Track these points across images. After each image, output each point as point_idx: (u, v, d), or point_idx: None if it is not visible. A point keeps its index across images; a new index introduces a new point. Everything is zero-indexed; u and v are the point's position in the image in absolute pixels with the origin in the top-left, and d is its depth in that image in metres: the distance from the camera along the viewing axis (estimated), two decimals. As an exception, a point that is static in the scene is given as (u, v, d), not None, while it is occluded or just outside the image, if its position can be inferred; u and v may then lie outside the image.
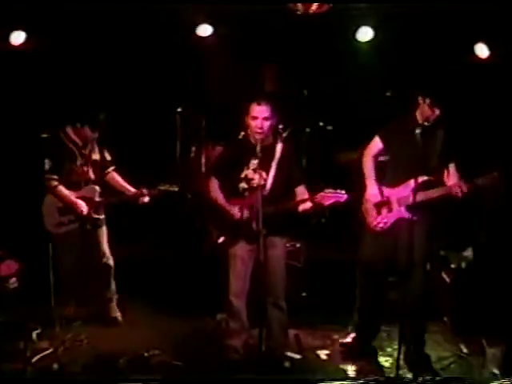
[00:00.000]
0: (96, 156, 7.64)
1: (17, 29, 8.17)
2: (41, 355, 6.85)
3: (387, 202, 6.99)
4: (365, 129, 7.38)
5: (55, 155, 7.52)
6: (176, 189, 7.52)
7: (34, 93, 8.74)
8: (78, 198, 7.50)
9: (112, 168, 7.72)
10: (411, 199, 6.67)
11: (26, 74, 8.57)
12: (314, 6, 7.93)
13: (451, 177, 6.86)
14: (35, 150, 7.90)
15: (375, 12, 8.15)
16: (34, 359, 6.76)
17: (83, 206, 7.48)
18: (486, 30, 7.77)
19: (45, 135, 7.63)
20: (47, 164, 7.52)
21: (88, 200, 7.51)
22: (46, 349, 6.95)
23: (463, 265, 7.77)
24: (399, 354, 6.50)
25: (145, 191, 7.51)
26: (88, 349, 7.02)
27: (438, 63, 8.41)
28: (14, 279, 7.49)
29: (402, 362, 6.59)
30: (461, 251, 7.88)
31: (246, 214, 6.75)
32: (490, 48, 8.08)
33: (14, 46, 8.19)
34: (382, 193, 7.01)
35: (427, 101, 6.82)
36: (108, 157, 7.73)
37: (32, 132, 8.45)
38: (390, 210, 6.98)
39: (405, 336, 6.64)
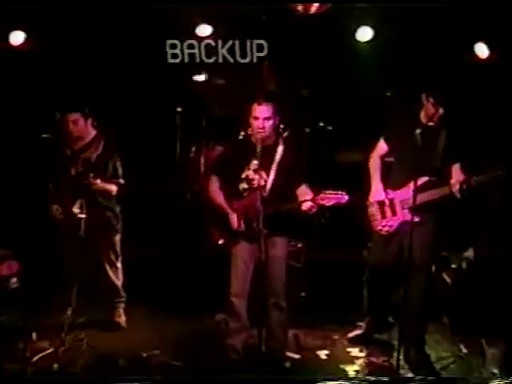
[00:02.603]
0: (90, 154, 7.37)
1: (17, 29, 8.17)
2: (41, 355, 6.86)
3: (391, 204, 7.00)
4: (365, 129, 7.39)
5: (47, 156, 7.43)
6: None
7: (34, 93, 8.75)
8: (58, 198, 7.38)
9: (116, 181, 7.40)
10: (412, 200, 6.62)
11: (25, 73, 8.57)
12: (314, 6, 7.93)
13: (454, 176, 6.85)
14: (35, 150, 7.90)
15: (375, 12, 8.14)
16: (34, 359, 6.78)
17: (57, 211, 7.35)
18: (485, 29, 7.77)
19: (46, 135, 7.61)
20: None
21: (64, 199, 7.31)
22: (46, 349, 6.96)
23: (464, 265, 7.77)
24: (399, 353, 6.52)
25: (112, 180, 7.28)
26: (88, 349, 7.02)
27: (438, 63, 8.41)
28: (14, 279, 7.50)
29: (401, 362, 6.60)
30: (461, 251, 7.88)
31: (246, 215, 6.76)
32: (490, 48, 8.08)
33: (13, 46, 8.20)
34: (386, 193, 7.01)
35: (431, 100, 6.79)
36: (114, 168, 7.43)
37: (32, 132, 8.47)
38: (395, 214, 6.99)
39: (405, 336, 6.66)
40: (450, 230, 7.35)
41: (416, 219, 6.67)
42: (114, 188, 7.36)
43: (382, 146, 7.14)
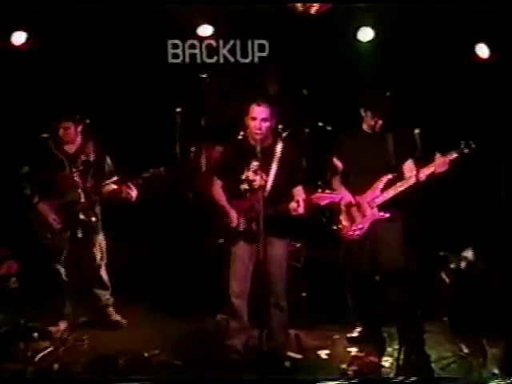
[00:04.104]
0: (86, 157, 7.47)
1: (17, 29, 8.17)
2: (42, 354, 6.87)
3: (359, 207, 7.08)
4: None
5: (37, 162, 7.47)
6: (162, 169, 7.28)
7: (35, 93, 8.74)
8: (59, 204, 7.40)
9: (111, 180, 7.45)
10: (380, 198, 6.96)
11: (27, 73, 8.57)
12: (315, 6, 7.93)
13: (411, 170, 6.98)
14: (36, 149, 7.88)
15: (375, 12, 8.15)
16: (36, 358, 6.78)
17: (56, 220, 7.38)
18: (486, 30, 7.78)
19: (45, 135, 7.60)
20: (25, 169, 7.49)
21: (70, 205, 7.38)
22: (47, 348, 6.96)
23: (462, 265, 7.78)
24: (399, 353, 6.52)
25: (130, 184, 7.27)
26: (89, 349, 7.03)
27: (438, 63, 8.43)
28: (14, 279, 7.50)
29: (401, 362, 6.61)
30: (460, 251, 7.89)
31: (246, 215, 6.76)
32: (491, 48, 8.09)
33: (15, 46, 8.20)
34: (353, 198, 7.12)
35: (368, 113, 7.05)
36: (109, 166, 7.53)
37: (33, 131, 8.46)
38: (364, 215, 7.07)
39: (404, 336, 6.68)
40: (441, 226, 7.44)
41: (386, 215, 6.98)
42: (135, 194, 7.34)
43: (337, 165, 7.27)
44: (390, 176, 6.99)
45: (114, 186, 7.43)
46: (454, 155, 6.86)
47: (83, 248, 7.47)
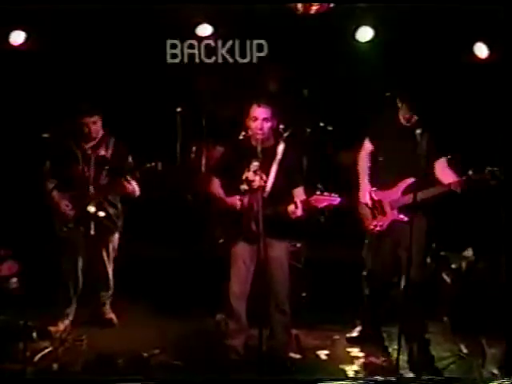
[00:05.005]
0: (104, 152, 7.46)
1: (17, 29, 8.18)
2: (41, 354, 6.87)
3: (380, 205, 7.07)
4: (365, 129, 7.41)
5: (55, 157, 7.46)
6: (158, 164, 7.28)
7: (35, 93, 8.75)
8: (69, 197, 7.39)
9: (129, 175, 7.38)
10: (401, 201, 6.93)
11: (25, 73, 8.58)
12: (314, 6, 7.94)
13: (445, 174, 6.90)
14: (36, 150, 7.91)
15: (375, 12, 8.16)
16: (35, 359, 6.78)
17: (67, 207, 7.38)
18: (485, 30, 7.78)
19: (46, 135, 7.60)
20: (47, 166, 7.49)
21: (79, 198, 7.37)
22: (46, 348, 6.97)
23: (463, 265, 7.78)
24: (399, 353, 6.52)
25: (128, 178, 7.30)
26: (88, 349, 7.03)
27: (438, 63, 8.43)
28: (14, 279, 7.51)
29: (401, 362, 6.60)
30: (461, 251, 7.89)
31: (246, 213, 6.76)
32: (490, 48, 8.10)
33: (13, 46, 8.21)
34: (375, 194, 7.09)
35: (404, 104, 6.95)
36: (128, 164, 7.47)
37: (33, 132, 8.49)
38: (384, 214, 7.06)
39: (406, 336, 6.68)
40: (443, 229, 7.41)
41: (406, 218, 6.89)
42: (137, 188, 7.39)
43: (367, 146, 7.26)
44: (414, 179, 6.85)
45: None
46: (474, 177, 6.77)
47: (95, 246, 7.46)
